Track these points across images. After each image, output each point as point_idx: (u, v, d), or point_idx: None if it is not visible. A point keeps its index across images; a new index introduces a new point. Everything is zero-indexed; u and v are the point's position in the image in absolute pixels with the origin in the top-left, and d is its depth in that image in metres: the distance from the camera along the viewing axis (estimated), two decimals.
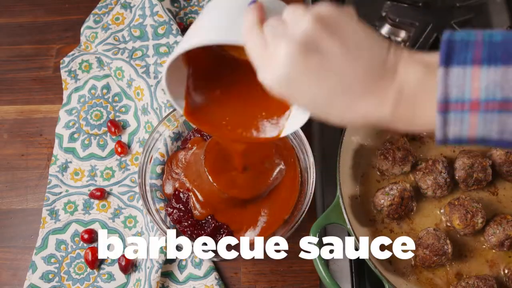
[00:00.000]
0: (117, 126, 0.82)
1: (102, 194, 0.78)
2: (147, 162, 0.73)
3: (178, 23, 0.88)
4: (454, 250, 0.68)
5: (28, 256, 0.76)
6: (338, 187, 0.67)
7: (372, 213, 0.72)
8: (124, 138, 0.83)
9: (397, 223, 0.72)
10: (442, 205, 0.72)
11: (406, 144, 0.73)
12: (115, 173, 0.80)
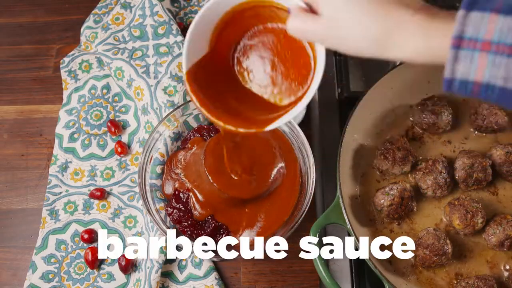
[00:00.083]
0: (117, 126, 0.82)
1: (102, 194, 0.78)
2: (147, 162, 0.73)
3: (178, 23, 0.88)
4: (454, 250, 0.68)
5: (28, 256, 0.76)
6: (338, 187, 0.66)
7: (372, 213, 0.72)
8: (124, 138, 0.83)
9: (397, 223, 0.72)
10: (442, 205, 0.72)
11: (406, 144, 0.73)
12: (115, 173, 0.80)
